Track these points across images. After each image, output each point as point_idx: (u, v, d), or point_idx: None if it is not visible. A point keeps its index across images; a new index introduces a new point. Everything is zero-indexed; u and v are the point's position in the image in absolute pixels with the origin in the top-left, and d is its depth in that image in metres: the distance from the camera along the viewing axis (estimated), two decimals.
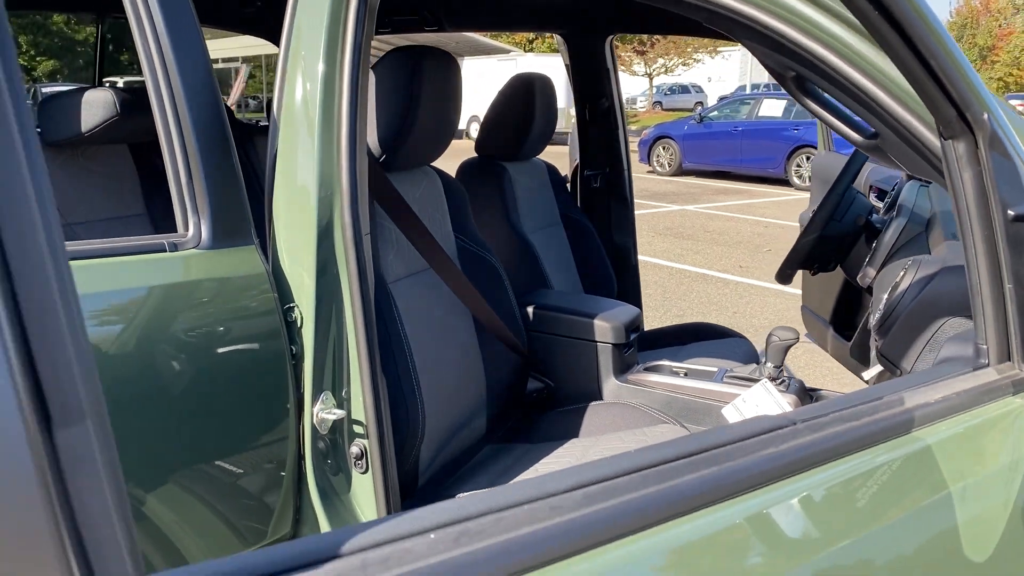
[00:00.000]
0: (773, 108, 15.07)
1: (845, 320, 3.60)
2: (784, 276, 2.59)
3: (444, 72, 2.05)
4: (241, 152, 3.07)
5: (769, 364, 2.26)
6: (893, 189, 2.74)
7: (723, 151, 15.03)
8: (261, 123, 3.27)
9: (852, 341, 3.29)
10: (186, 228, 1.53)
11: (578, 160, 3.31)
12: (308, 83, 1.61)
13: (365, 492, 1.70)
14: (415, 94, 1.98)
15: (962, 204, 0.93)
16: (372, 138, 1.92)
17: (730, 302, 6.87)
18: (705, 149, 15.50)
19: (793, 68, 1.45)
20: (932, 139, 1.24)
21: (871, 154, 1.43)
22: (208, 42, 1.68)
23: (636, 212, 3.31)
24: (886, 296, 1.44)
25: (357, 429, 1.68)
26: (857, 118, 1.47)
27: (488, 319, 2.16)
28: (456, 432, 2.11)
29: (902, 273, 1.41)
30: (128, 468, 1.34)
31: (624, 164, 3.23)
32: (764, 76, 39.81)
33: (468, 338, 2.17)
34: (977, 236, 0.92)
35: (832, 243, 2.47)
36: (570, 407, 2.34)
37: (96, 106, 2.25)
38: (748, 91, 26.86)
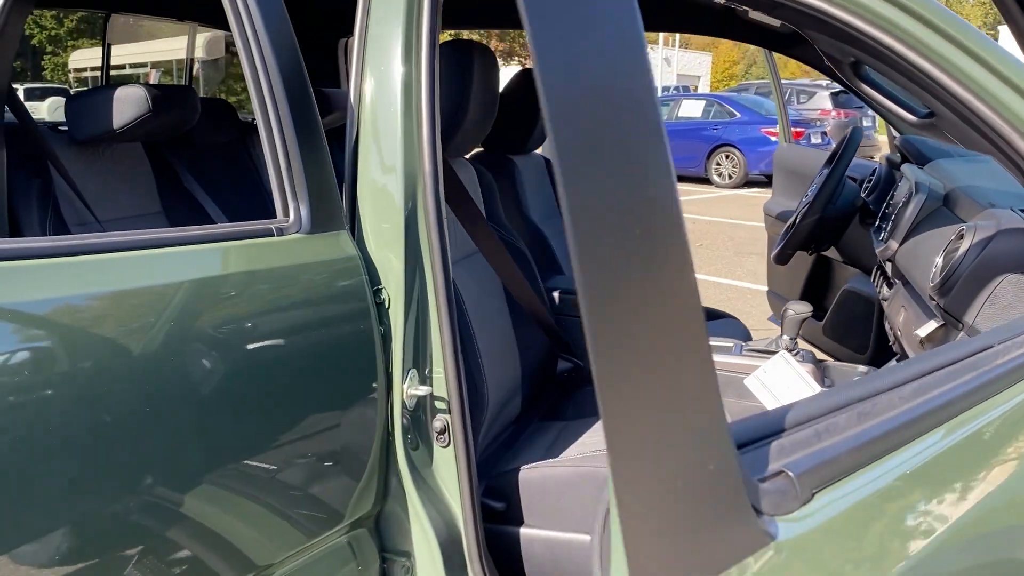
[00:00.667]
0: (692, 109, 15.55)
1: (814, 301, 3.83)
2: (784, 257, 2.78)
3: (489, 66, 2.14)
4: (243, 149, 3.09)
5: (785, 336, 2.43)
6: (873, 174, 2.96)
7: None
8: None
9: (824, 320, 3.52)
10: (286, 213, 1.59)
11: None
12: (387, 79, 1.70)
13: (447, 465, 1.78)
14: (468, 86, 2.06)
15: None
16: None
17: None
18: None
19: (853, 55, 1.60)
20: (992, 116, 1.41)
21: (924, 132, 1.60)
22: (114, 48, 1.74)
23: None
24: (940, 260, 1.62)
25: (439, 405, 1.76)
26: (907, 101, 1.65)
27: (529, 303, 2.26)
28: (501, 410, 2.21)
29: (959, 239, 1.59)
30: (238, 439, 1.40)
31: None
32: (673, 79, 40.81)
33: (505, 321, 2.27)
34: None
35: (829, 224, 2.67)
36: None
37: (129, 103, 2.25)
38: (660, 93, 27.58)
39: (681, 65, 44.39)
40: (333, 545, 1.71)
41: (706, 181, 14.69)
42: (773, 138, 14.16)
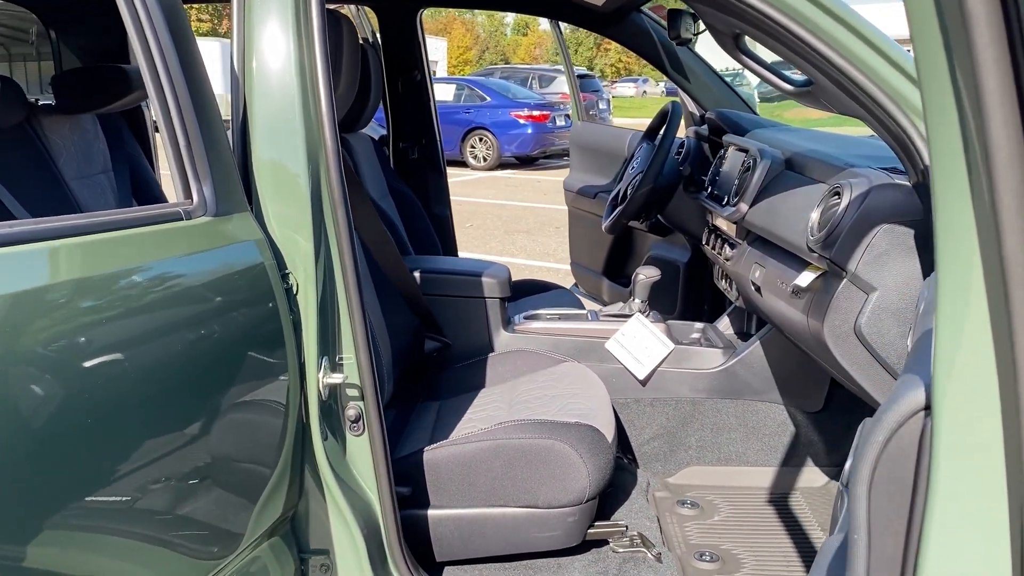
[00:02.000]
0: (444, 92, 15.73)
1: (617, 269, 4.06)
2: (618, 226, 2.93)
3: (355, 37, 2.05)
4: (33, 133, 2.71)
5: (637, 300, 2.58)
6: (683, 147, 3.19)
7: None
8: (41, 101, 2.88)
9: (631, 286, 3.76)
10: (188, 196, 1.43)
11: (388, 132, 3.37)
12: (278, 54, 1.59)
13: (362, 454, 1.71)
14: (354, 57, 1.96)
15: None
16: None
17: None
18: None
19: (737, 27, 1.73)
20: (867, 83, 1.59)
21: (799, 99, 1.76)
22: None
23: None
24: (816, 216, 1.79)
25: (351, 392, 1.68)
26: (785, 72, 1.80)
27: (405, 283, 2.21)
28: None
29: (833, 195, 1.77)
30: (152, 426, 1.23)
31: (436, 135, 3.36)
32: None
33: (374, 302, 2.21)
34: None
35: (660, 194, 2.85)
36: (470, 361, 2.46)
37: None
38: None
39: None
40: (247, 561, 1.58)
41: (462, 164, 14.97)
42: (522, 121, 14.71)
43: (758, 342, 2.45)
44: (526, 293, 3.31)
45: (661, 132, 2.84)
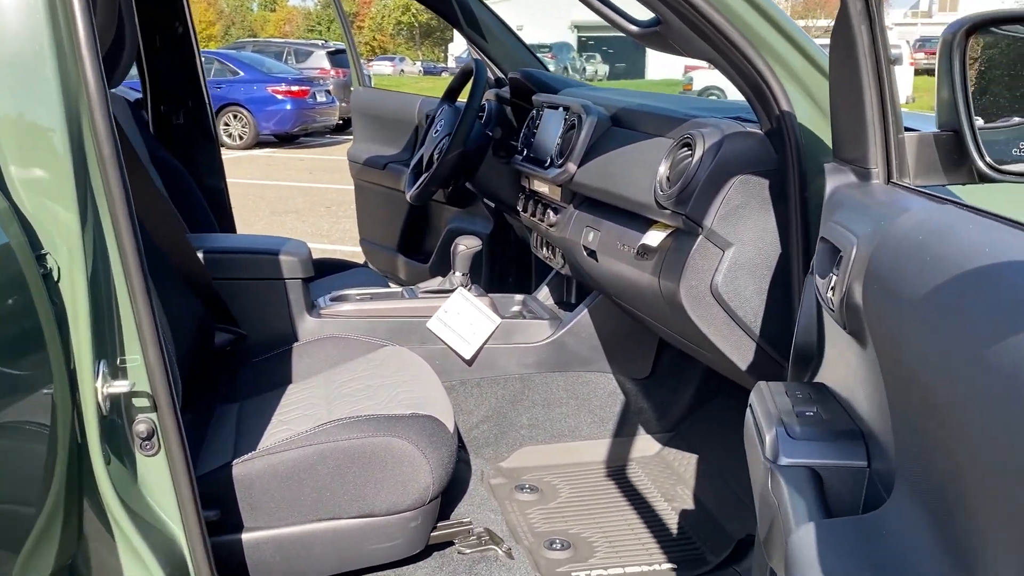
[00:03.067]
0: None
1: (413, 245, 3.83)
2: (427, 195, 2.68)
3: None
4: None
5: (458, 273, 2.36)
6: (483, 110, 3.00)
7: None
8: None
9: (430, 262, 3.55)
10: None
11: (145, 94, 2.89)
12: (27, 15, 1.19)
13: (157, 477, 1.38)
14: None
15: (861, 50, 1.16)
16: None
17: None
18: None
19: None
20: (725, 24, 1.47)
21: (644, 40, 1.61)
22: None
23: None
24: (665, 170, 1.66)
25: (140, 403, 1.34)
26: (627, 13, 1.64)
27: (188, 265, 1.84)
28: None
29: (683, 147, 1.64)
30: None
31: (205, 97, 2.93)
32: None
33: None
34: (871, 75, 1.17)
35: (470, 158, 2.64)
36: (272, 353, 2.13)
37: None
38: None
39: None
40: None
41: None
42: (280, 97, 13.96)
43: (586, 310, 2.33)
44: (321, 274, 2.98)
45: (467, 93, 2.63)
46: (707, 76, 22.63)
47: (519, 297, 2.59)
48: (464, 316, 2.26)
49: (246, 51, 16.97)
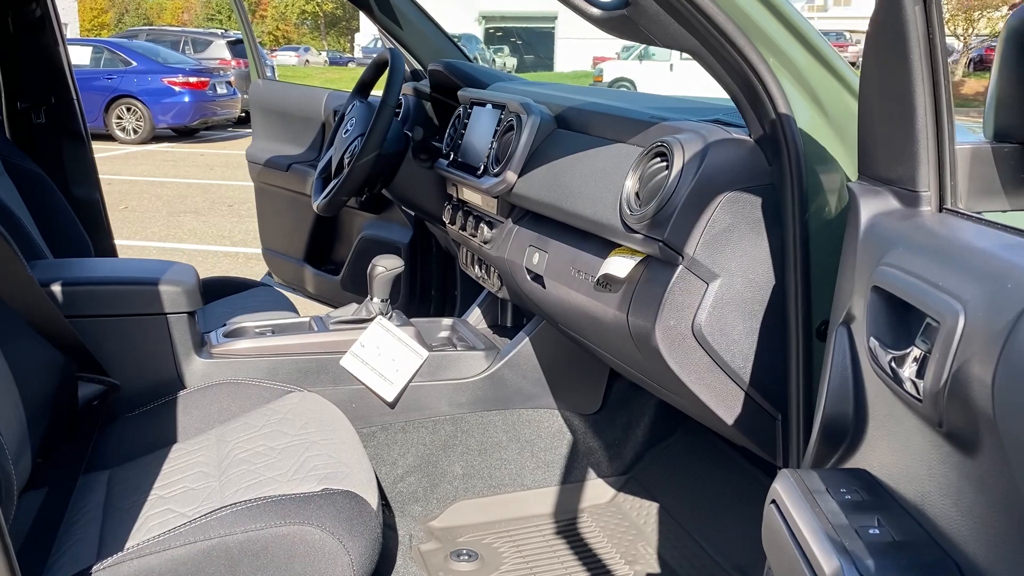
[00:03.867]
0: (79, 56, 13.64)
1: (322, 255, 3.46)
2: (337, 205, 2.31)
3: None
4: None
5: (376, 299, 2.02)
6: (400, 106, 2.66)
7: None
8: None
9: (342, 274, 3.19)
10: None
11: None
12: None
13: None
14: None
15: (913, 40, 0.89)
16: None
17: None
18: None
19: None
20: (712, 7, 1.18)
21: (605, 26, 1.30)
22: None
23: None
24: (632, 184, 1.35)
25: None
26: None
27: (33, 305, 1.45)
28: None
29: (655, 157, 1.34)
30: None
31: (73, 93, 2.50)
32: None
33: None
34: (924, 72, 0.90)
35: (386, 162, 2.29)
36: (151, 406, 1.75)
37: None
38: None
39: None
40: None
41: (108, 137, 13.10)
42: (178, 88, 13.24)
43: (527, 339, 2.02)
44: (216, 295, 2.59)
45: (381, 87, 2.27)
46: (617, 67, 22.67)
47: (447, 322, 2.27)
48: (384, 350, 1.93)
49: (139, 40, 16.03)
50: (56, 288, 1.71)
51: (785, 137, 1.23)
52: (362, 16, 2.56)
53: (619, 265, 1.40)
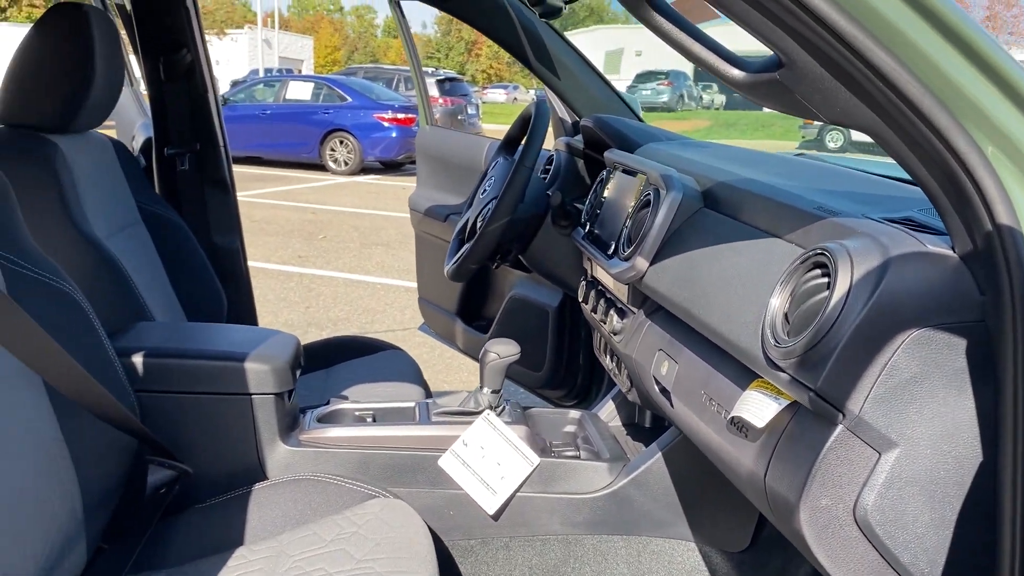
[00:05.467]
0: (300, 91, 14.61)
1: (474, 311, 3.28)
2: (464, 272, 2.09)
3: (109, 26, 1.18)
4: None
5: (487, 389, 1.75)
6: (550, 163, 2.40)
7: (253, 135, 14.11)
8: None
9: (490, 333, 2.98)
10: None
11: (151, 134, 2.44)
12: None
13: None
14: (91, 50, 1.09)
15: None
16: None
17: (298, 296, 6.28)
18: (233, 134, 14.42)
19: None
20: (902, 74, 0.82)
21: (751, 94, 0.97)
22: None
23: None
24: (780, 302, 1.01)
25: None
26: (729, 52, 1.00)
27: (75, 384, 1.31)
28: None
29: (812, 269, 0.99)
30: None
31: (220, 139, 2.45)
32: (275, 61, 39.21)
33: (40, 422, 1.30)
34: None
35: (520, 228, 2.04)
36: (221, 498, 1.57)
37: None
38: (262, 74, 25.95)
39: (282, 47, 42.85)
40: None
41: (321, 168, 13.90)
42: (386, 124, 13.83)
43: (659, 453, 1.67)
44: (343, 356, 2.43)
45: (523, 143, 2.02)
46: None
47: (574, 415, 1.96)
48: (490, 451, 1.65)
49: (357, 77, 16.98)
50: (136, 359, 1.58)
51: (1007, 256, 0.83)
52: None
53: (758, 408, 1.04)
